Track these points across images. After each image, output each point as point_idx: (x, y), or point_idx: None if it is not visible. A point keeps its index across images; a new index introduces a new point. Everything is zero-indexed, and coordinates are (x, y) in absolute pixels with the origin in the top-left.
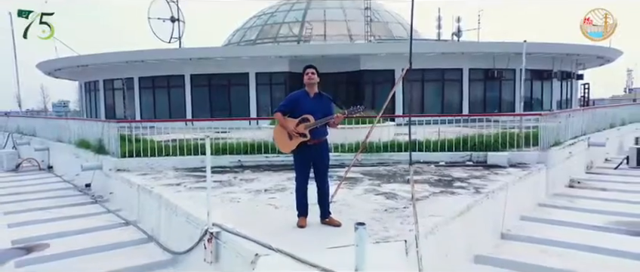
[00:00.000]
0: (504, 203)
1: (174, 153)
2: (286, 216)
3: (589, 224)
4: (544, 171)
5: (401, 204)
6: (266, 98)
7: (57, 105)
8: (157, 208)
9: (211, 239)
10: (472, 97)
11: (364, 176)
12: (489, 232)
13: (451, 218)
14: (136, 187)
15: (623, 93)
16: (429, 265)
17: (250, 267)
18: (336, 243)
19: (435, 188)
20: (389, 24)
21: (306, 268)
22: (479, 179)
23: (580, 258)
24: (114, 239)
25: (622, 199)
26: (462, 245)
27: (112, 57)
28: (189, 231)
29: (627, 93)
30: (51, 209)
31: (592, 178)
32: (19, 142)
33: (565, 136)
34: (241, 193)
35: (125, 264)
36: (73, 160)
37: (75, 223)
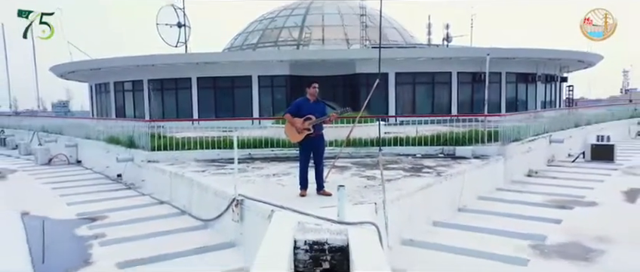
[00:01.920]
0: (462, 185)
1: (195, 148)
2: (291, 190)
3: (530, 201)
4: (502, 162)
5: (377, 183)
6: (267, 100)
7: (57, 105)
8: (189, 189)
9: (238, 204)
10: (461, 99)
11: (353, 165)
12: (447, 206)
13: (413, 192)
14: (168, 173)
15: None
16: (393, 223)
17: (268, 220)
18: (327, 205)
19: (407, 173)
20: (384, 29)
21: (306, 217)
22: (444, 167)
23: (514, 222)
24: (154, 213)
25: (563, 185)
26: (423, 213)
27: (124, 61)
28: (217, 203)
29: (624, 93)
30: (95, 193)
31: (549, 169)
32: (47, 139)
33: (527, 133)
34: (255, 177)
35: (168, 227)
36: (103, 155)
37: (120, 202)
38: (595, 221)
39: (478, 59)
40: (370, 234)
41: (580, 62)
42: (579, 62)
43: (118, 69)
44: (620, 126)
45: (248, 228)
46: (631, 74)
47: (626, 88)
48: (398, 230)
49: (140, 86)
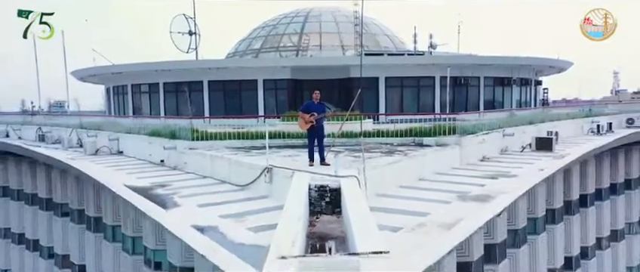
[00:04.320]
0: (422, 163)
1: (224, 138)
2: (302, 163)
3: (472, 175)
4: (457, 150)
5: (361, 160)
6: (271, 101)
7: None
8: (227, 165)
9: (268, 171)
10: (443, 100)
11: (345, 150)
12: (411, 176)
13: (385, 165)
14: (208, 156)
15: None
16: (371, 184)
17: (290, 179)
18: (329, 171)
19: (383, 154)
20: (376, 36)
21: (314, 175)
22: (411, 151)
23: (454, 186)
24: (202, 182)
25: (503, 166)
26: (393, 180)
27: (143, 66)
28: (250, 174)
29: (614, 94)
30: (150, 172)
31: (500, 157)
32: (89, 134)
33: (482, 128)
34: (275, 156)
35: (217, 190)
36: (145, 146)
37: (173, 177)
38: (505, 185)
39: (458, 65)
40: (354, 182)
41: (551, 67)
42: (550, 67)
43: (136, 73)
44: (574, 124)
45: (276, 186)
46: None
47: (616, 89)
48: (375, 188)
49: (155, 88)
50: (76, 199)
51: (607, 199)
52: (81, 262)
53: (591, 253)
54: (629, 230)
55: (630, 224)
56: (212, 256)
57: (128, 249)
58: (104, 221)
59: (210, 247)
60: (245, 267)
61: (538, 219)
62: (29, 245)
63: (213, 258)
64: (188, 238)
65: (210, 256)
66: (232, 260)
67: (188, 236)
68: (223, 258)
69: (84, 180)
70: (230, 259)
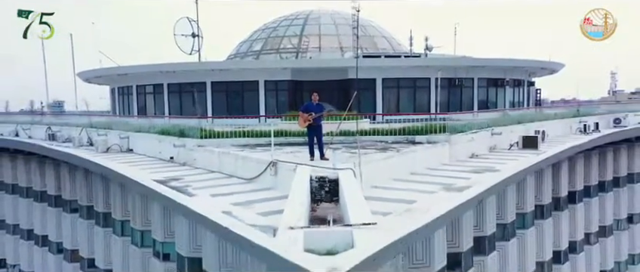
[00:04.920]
0: (414, 159)
1: (230, 136)
2: (303, 158)
3: (460, 170)
4: (447, 147)
5: (357, 155)
6: (272, 101)
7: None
8: (234, 161)
9: (274, 165)
10: (438, 100)
11: (343, 146)
12: (403, 171)
13: (379, 160)
14: (217, 153)
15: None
16: (367, 177)
17: (293, 172)
18: (328, 165)
19: (377, 151)
20: (374, 38)
21: (315, 168)
22: (404, 148)
23: (442, 179)
24: (211, 176)
25: (490, 162)
26: (386, 173)
27: (148, 67)
28: (256, 168)
29: (611, 95)
30: (161, 168)
31: (488, 154)
32: (100, 133)
33: (472, 128)
34: (278, 153)
35: (225, 183)
36: (155, 144)
37: (184, 172)
38: (487, 178)
39: (452, 67)
40: (350, 174)
41: (543, 69)
42: (542, 69)
43: (141, 75)
44: (563, 124)
45: (280, 178)
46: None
47: (613, 89)
48: (369, 181)
49: (160, 89)
50: (85, 195)
51: (595, 196)
52: (90, 256)
53: (579, 248)
54: (617, 226)
55: (618, 220)
56: (235, 228)
57: (137, 242)
58: (113, 216)
59: (232, 223)
60: (262, 236)
61: (527, 214)
62: (38, 241)
63: (237, 230)
64: (214, 217)
65: (233, 228)
66: (251, 230)
67: (214, 215)
68: (242, 229)
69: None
70: (249, 230)
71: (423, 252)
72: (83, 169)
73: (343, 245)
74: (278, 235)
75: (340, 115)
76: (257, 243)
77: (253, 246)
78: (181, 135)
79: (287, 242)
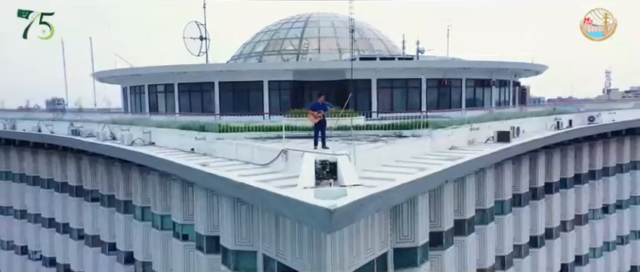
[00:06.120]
0: (400, 149)
1: (243, 130)
2: (309, 148)
3: (437, 158)
4: (429, 140)
5: (352, 146)
6: (276, 100)
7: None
8: (250, 150)
9: (285, 153)
10: (429, 99)
11: (341, 139)
12: (390, 158)
13: (371, 149)
14: (234, 144)
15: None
16: (359, 163)
17: (301, 159)
18: (328, 152)
19: (369, 142)
20: (370, 40)
21: (319, 154)
22: (392, 140)
23: (421, 165)
24: (230, 163)
25: (465, 153)
26: (376, 160)
27: (161, 69)
28: (270, 155)
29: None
30: (186, 157)
31: (466, 146)
32: (123, 128)
33: (452, 124)
34: (288, 143)
35: (243, 167)
36: (176, 137)
37: (207, 160)
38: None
39: (442, 69)
40: (346, 159)
41: (526, 70)
42: (526, 70)
43: (153, 75)
44: (540, 121)
45: (290, 163)
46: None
47: (607, 88)
48: (362, 166)
49: (171, 88)
50: (106, 184)
51: (571, 188)
52: (111, 240)
53: (555, 234)
54: (592, 215)
55: (594, 210)
56: (268, 187)
57: (158, 226)
58: (134, 203)
59: (266, 186)
60: (286, 192)
61: (505, 202)
62: (59, 228)
63: (271, 189)
64: (253, 183)
65: (267, 187)
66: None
67: (251, 181)
68: (274, 188)
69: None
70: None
71: (409, 230)
72: (104, 161)
73: (339, 195)
74: (296, 191)
75: (338, 112)
76: (285, 195)
77: (281, 198)
78: (201, 130)
79: (304, 194)
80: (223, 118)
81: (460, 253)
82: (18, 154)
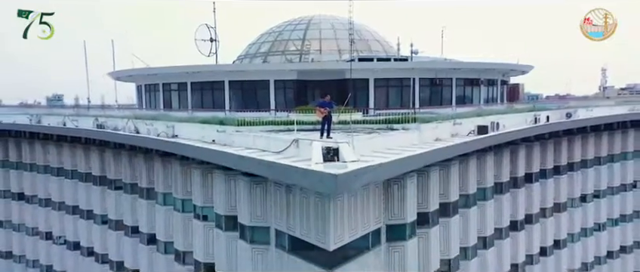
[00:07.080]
0: (391, 140)
1: (257, 125)
2: (315, 137)
3: (421, 148)
4: (417, 133)
5: (350, 135)
6: (281, 97)
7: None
8: (266, 140)
9: (296, 141)
10: (422, 97)
11: (341, 131)
12: (382, 147)
13: (367, 139)
14: (251, 136)
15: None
16: (356, 150)
17: (310, 146)
18: (332, 141)
19: (365, 134)
20: (368, 41)
21: (324, 142)
22: (385, 132)
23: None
24: (249, 151)
25: (446, 143)
26: (370, 148)
27: (176, 69)
28: (282, 144)
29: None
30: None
31: (450, 139)
32: (147, 123)
33: (438, 119)
34: (298, 135)
35: (261, 154)
36: (197, 130)
37: (230, 150)
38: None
39: (434, 69)
40: (347, 145)
41: (513, 70)
42: (512, 70)
43: (168, 75)
44: (520, 117)
45: (301, 150)
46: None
47: (603, 85)
48: (358, 152)
49: (184, 87)
50: (129, 173)
51: (551, 178)
52: (134, 224)
53: (535, 219)
54: (571, 204)
55: (572, 199)
56: (290, 163)
57: (179, 209)
58: (156, 190)
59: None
60: (301, 166)
61: (487, 188)
62: (83, 215)
63: (291, 163)
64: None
65: (285, 162)
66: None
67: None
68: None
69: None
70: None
71: (399, 209)
72: (127, 152)
73: (342, 167)
74: (310, 166)
75: (339, 109)
76: (302, 167)
77: (300, 170)
78: (221, 123)
79: (316, 167)
80: (232, 113)
81: (445, 231)
82: (42, 147)
